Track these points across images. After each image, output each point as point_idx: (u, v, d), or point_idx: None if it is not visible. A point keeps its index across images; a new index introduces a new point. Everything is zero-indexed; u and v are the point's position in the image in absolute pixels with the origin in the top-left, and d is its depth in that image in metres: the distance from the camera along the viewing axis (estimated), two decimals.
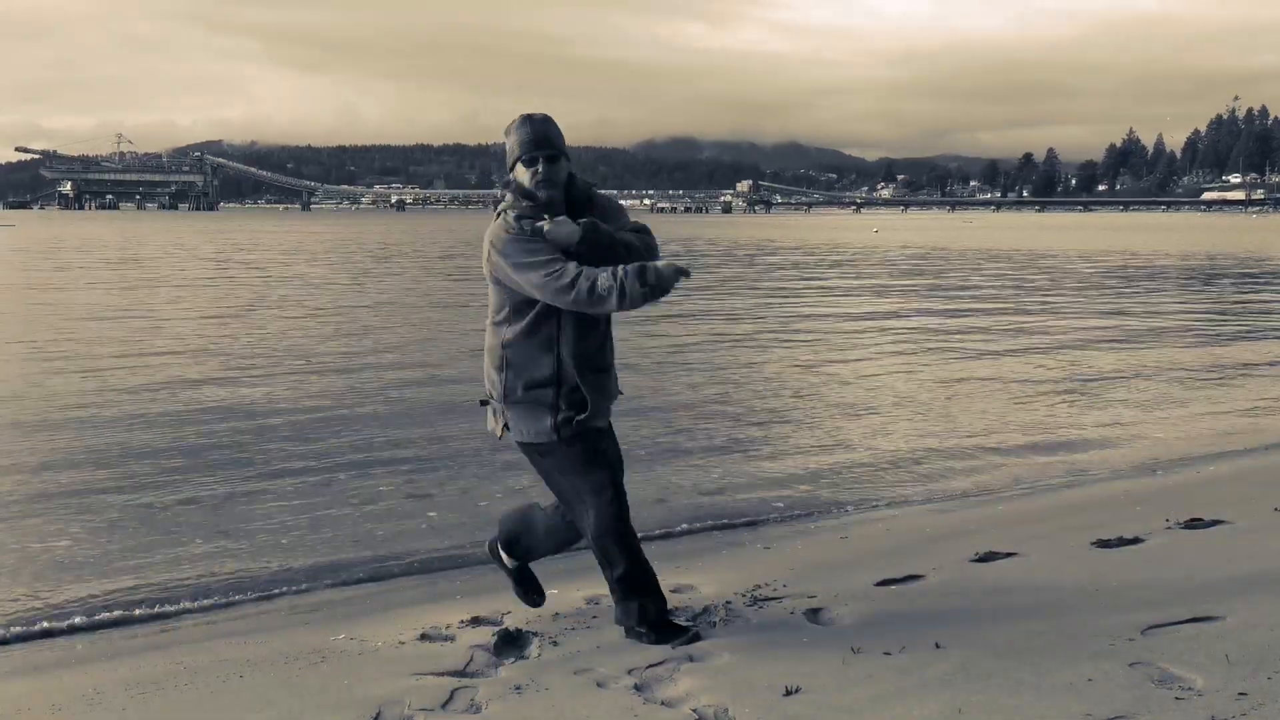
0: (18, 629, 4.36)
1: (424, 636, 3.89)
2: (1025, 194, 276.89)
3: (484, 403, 3.76)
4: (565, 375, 3.54)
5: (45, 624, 4.40)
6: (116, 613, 4.52)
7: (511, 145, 3.54)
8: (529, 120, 3.54)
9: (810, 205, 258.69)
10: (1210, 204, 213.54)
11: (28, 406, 9.15)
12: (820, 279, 27.04)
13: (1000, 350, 13.12)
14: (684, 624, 3.80)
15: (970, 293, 22.55)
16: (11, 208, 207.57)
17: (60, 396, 9.60)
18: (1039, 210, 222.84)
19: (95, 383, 10.37)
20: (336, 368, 11.52)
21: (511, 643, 3.78)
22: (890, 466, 7.19)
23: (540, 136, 3.51)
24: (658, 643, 3.65)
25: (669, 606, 3.80)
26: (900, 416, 8.91)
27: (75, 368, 11.34)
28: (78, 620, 4.44)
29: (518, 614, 4.08)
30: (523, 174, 3.53)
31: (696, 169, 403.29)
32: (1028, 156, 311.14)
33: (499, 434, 3.72)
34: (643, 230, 3.63)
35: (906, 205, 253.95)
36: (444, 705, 3.28)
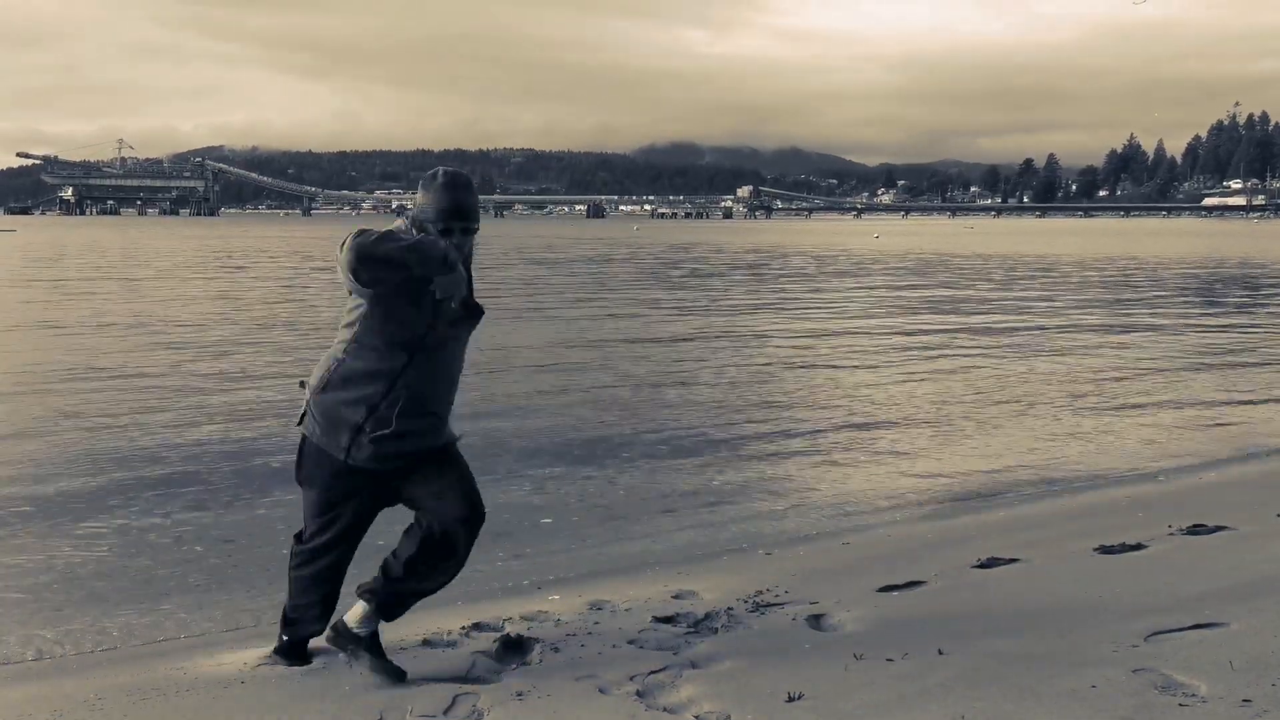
0: (19, 635, 4.35)
1: (426, 642, 3.88)
2: (1026, 200, 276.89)
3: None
4: None
5: (46, 630, 4.39)
6: (118, 618, 4.51)
7: (425, 203, 3.35)
8: (453, 187, 3.34)
9: (811, 211, 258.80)
10: (1211, 210, 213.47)
11: (26, 412, 9.15)
12: (824, 287, 27.03)
13: (1003, 358, 13.11)
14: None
15: (974, 299, 22.54)
16: (12, 213, 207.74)
17: (60, 400, 9.59)
18: (1039, 216, 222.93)
19: (97, 388, 10.36)
20: None
21: (513, 649, 3.78)
22: (892, 472, 7.18)
23: (463, 208, 3.34)
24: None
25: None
26: (903, 424, 8.90)
27: (79, 373, 11.34)
28: (78, 626, 4.43)
29: (519, 620, 4.08)
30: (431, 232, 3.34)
31: (697, 174, 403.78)
32: (1028, 162, 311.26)
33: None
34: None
35: (907, 211, 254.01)
36: (446, 711, 3.27)
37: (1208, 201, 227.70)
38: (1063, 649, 3.59)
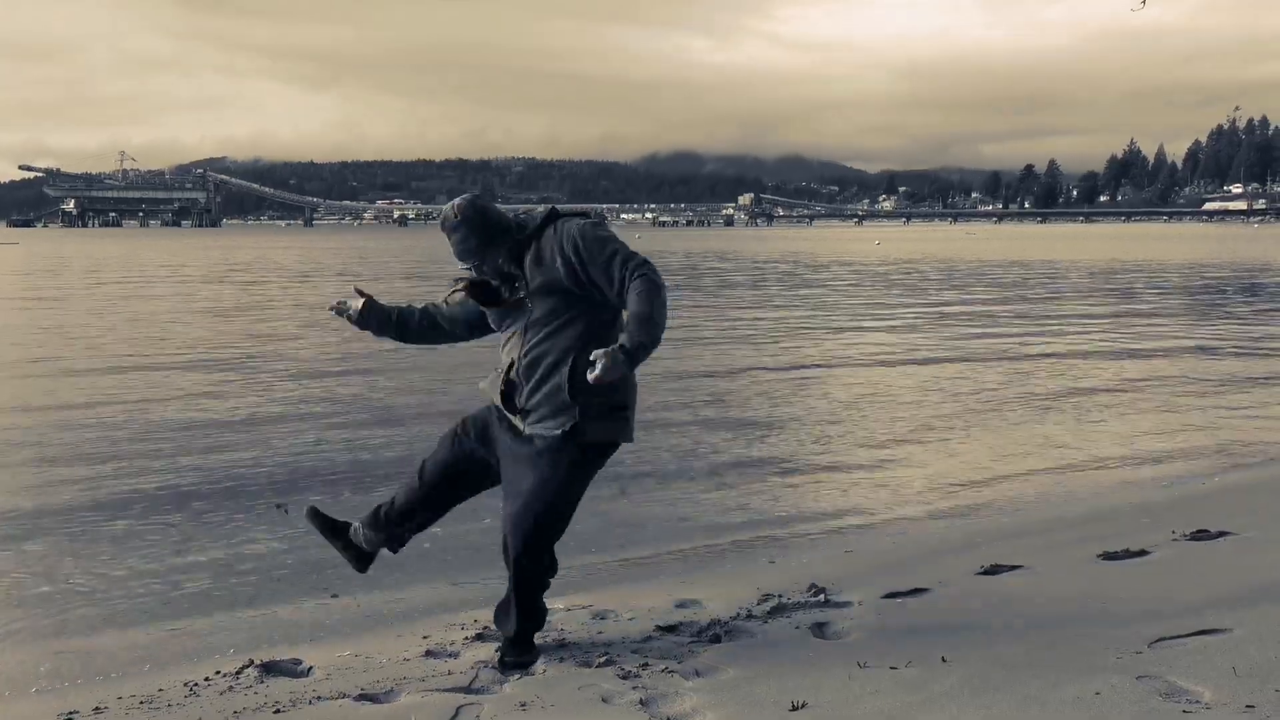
0: (28, 643, 4.35)
1: (429, 653, 3.89)
2: (1027, 205, 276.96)
3: None
4: None
5: (53, 640, 4.39)
6: (124, 628, 4.51)
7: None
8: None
9: (812, 218, 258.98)
10: (1212, 214, 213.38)
11: (30, 417, 9.16)
12: (827, 293, 27.04)
13: (1006, 363, 13.11)
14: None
15: (973, 306, 22.54)
16: (14, 225, 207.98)
17: (65, 404, 9.61)
18: (1041, 221, 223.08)
19: (97, 395, 10.37)
20: (333, 380, 11.51)
21: None
22: (895, 480, 7.18)
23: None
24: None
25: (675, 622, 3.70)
26: (907, 431, 8.89)
27: (78, 381, 11.35)
28: (85, 634, 4.43)
29: None
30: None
31: (699, 183, 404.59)
32: (1029, 168, 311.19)
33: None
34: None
35: (909, 217, 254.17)
36: None
37: (1209, 206, 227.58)
38: (1067, 656, 3.59)
